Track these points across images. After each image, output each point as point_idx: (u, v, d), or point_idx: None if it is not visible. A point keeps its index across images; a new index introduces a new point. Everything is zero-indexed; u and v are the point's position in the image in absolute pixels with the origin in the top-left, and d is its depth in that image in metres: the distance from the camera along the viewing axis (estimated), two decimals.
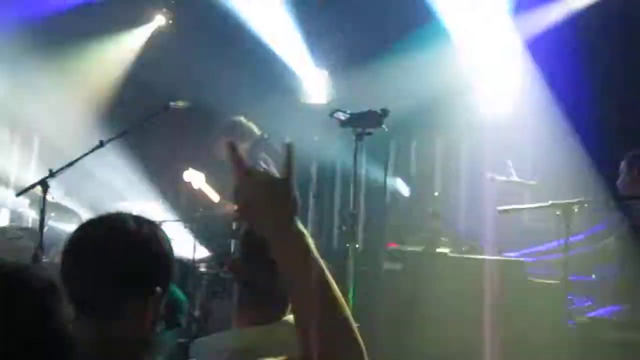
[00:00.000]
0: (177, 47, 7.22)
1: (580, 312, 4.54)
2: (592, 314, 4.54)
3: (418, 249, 4.56)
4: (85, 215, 6.21)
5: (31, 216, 6.78)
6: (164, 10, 7.53)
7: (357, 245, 4.16)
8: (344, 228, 4.42)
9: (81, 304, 1.49)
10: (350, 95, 6.28)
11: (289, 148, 1.35)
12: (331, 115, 3.33)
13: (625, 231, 4.48)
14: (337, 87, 7.01)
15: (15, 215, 7.05)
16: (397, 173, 6.63)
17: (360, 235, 5.63)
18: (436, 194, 6.09)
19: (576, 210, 4.21)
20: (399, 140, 7.16)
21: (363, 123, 2.84)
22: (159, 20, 7.59)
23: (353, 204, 4.13)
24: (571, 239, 4.23)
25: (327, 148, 6.46)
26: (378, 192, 6.14)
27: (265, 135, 5.63)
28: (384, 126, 2.95)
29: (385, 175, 5.18)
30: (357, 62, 6.58)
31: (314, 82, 7.13)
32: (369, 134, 3.07)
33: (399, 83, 6.30)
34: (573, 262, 4.39)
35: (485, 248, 5.00)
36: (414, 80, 6.24)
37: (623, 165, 4.73)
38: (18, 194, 4.93)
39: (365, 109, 3.21)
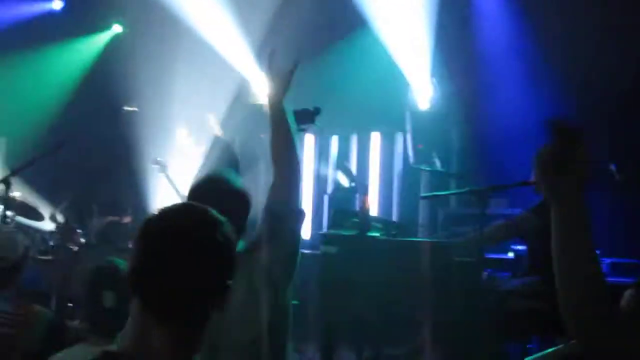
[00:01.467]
0: (129, 54, 7.54)
1: (497, 284, 5.06)
2: (507, 286, 5.07)
3: (352, 232, 4.98)
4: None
5: None
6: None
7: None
8: None
9: (169, 310, 1.53)
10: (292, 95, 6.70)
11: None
12: None
13: (536, 209, 4.88)
14: None
15: None
16: (338, 166, 7.07)
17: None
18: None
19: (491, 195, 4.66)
20: (340, 135, 7.71)
21: (297, 121, 3.20)
22: (116, 28, 7.95)
23: None
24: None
25: None
26: (321, 183, 6.69)
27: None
28: (316, 123, 3.32)
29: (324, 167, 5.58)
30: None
31: (259, 83, 7.53)
32: (303, 130, 3.42)
33: (336, 82, 6.79)
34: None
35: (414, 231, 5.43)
36: (350, 78, 6.74)
37: None
38: None
39: (300, 107, 3.62)
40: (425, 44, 6.86)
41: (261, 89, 6.95)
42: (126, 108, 5.32)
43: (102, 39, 8.07)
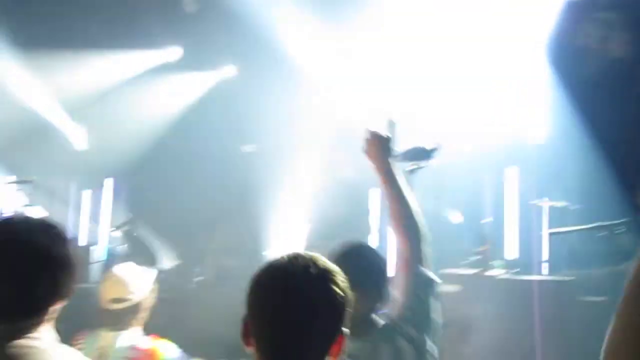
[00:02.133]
0: (243, 94, 7.74)
1: None
2: None
3: (472, 271, 4.83)
4: None
5: None
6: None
7: None
8: None
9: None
10: None
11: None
12: None
13: None
14: None
15: None
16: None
17: None
18: (488, 219, 6.33)
19: (621, 231, 4.41)
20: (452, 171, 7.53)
21: (413, 159, 3.14)
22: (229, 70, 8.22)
23: None
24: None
25: None
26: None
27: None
28: (435, 160, 3.25)
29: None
30: None
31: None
32: (421, 168, 3.34)
33: None
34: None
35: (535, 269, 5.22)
36: None
37: None
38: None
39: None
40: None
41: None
42: (244, 149, 5.48)
43: (214, 80, 8.34)
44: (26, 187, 6.50)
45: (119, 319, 3.43)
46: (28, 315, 1.84)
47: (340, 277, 1.66)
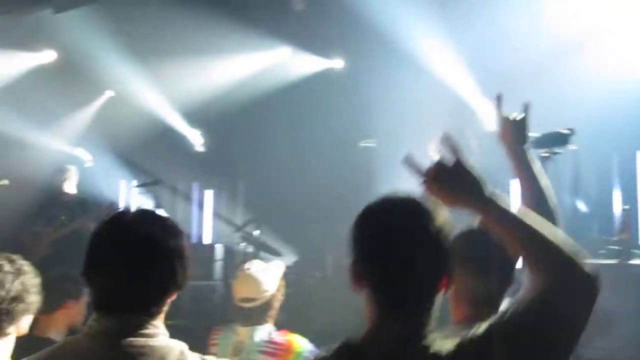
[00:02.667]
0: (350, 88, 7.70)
1: None
2: None
3: (612, 261, 4.58)
4: None
5: None
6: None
7: None
8: None
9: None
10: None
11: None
12: None
13: None
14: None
15: None
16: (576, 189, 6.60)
17: None
18: (626, 207, 5.99)
19: None
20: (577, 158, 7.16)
21: (548, 145, 2.98)
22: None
23: None
24: None
25: None
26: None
27: None
28: (571, 146, 3.06)
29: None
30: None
31: (482, 109, 7.27)
32: (556, 154, 3.16)
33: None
34: None
35: None
36: None
37: None
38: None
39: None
40: None
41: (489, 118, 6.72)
42: (362, 144, 5.44)
43: (327, 76, 8.38)
44: (152, 190, 6.74)
45: (252, 316, 3.50)
46: (143, 308, 1.83)
47: (444, 216, 1.69)
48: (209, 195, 9.15)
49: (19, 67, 8.38)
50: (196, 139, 8.82)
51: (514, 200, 2.08)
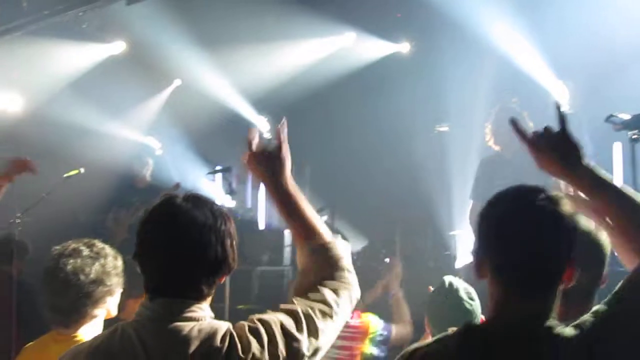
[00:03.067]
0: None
1: None
2: None
3: None
4: None
5: None
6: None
7: None
8: None
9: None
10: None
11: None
12: (607, 120, 3.36)
13: None
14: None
15: None
16: None
17: None
18: None
19: None
20: None
21: (636, 125, 2.85)
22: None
23: None
24: None
25: None
26: None
27: None
28: None
29: None
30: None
31: (559, 93, 7.04)
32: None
33: None
34: None
35: None
36: None
37: None
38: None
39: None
40: None
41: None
42: (438, 128, 5.38)
43: (396, 60, 8.28)
44: (224, 177, 6.84)
45: None
46: (192, 292, 1.84)
47: (569, 204, 1.71)
48: None
49: (91, 59, 8.60)
50: (263, 126, 8.87)
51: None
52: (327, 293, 1.94)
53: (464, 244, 6.73)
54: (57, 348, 2.31)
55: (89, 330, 2.48)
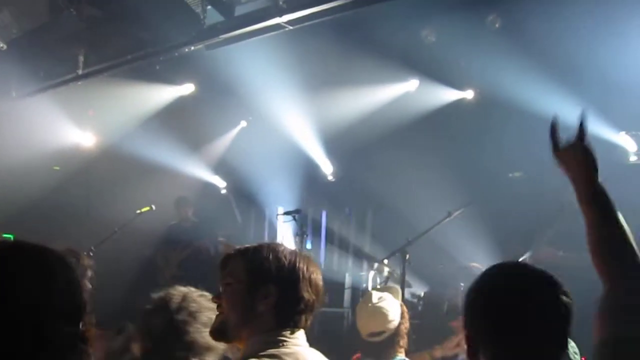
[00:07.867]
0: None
1: None
2: None
3: None
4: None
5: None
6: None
7: None
8: None
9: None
10: None
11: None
12: None
13: None
14: None
15: None
16: None
17: None
18: None
19: None
20: None
21: None
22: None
23: None
24: None
25: None
26: None
27: None
28: None
29: None
30: None
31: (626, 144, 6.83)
32: None
33: None
34: None
35: None
36: None
37: None
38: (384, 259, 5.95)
39: None
40: None
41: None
42: (512, 175, 5.35)
43: (459, 107, 8.30)
44: (295, 218, 6.88)
45: (381, 350, 3.49)
46: None
47: (565, 289, 1.67)
48: (337, 224, 9.20)
49: (161, 99, 8.90)
50: (327, 168, 8.95)
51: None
52: None
53: None
54: None
55: None
